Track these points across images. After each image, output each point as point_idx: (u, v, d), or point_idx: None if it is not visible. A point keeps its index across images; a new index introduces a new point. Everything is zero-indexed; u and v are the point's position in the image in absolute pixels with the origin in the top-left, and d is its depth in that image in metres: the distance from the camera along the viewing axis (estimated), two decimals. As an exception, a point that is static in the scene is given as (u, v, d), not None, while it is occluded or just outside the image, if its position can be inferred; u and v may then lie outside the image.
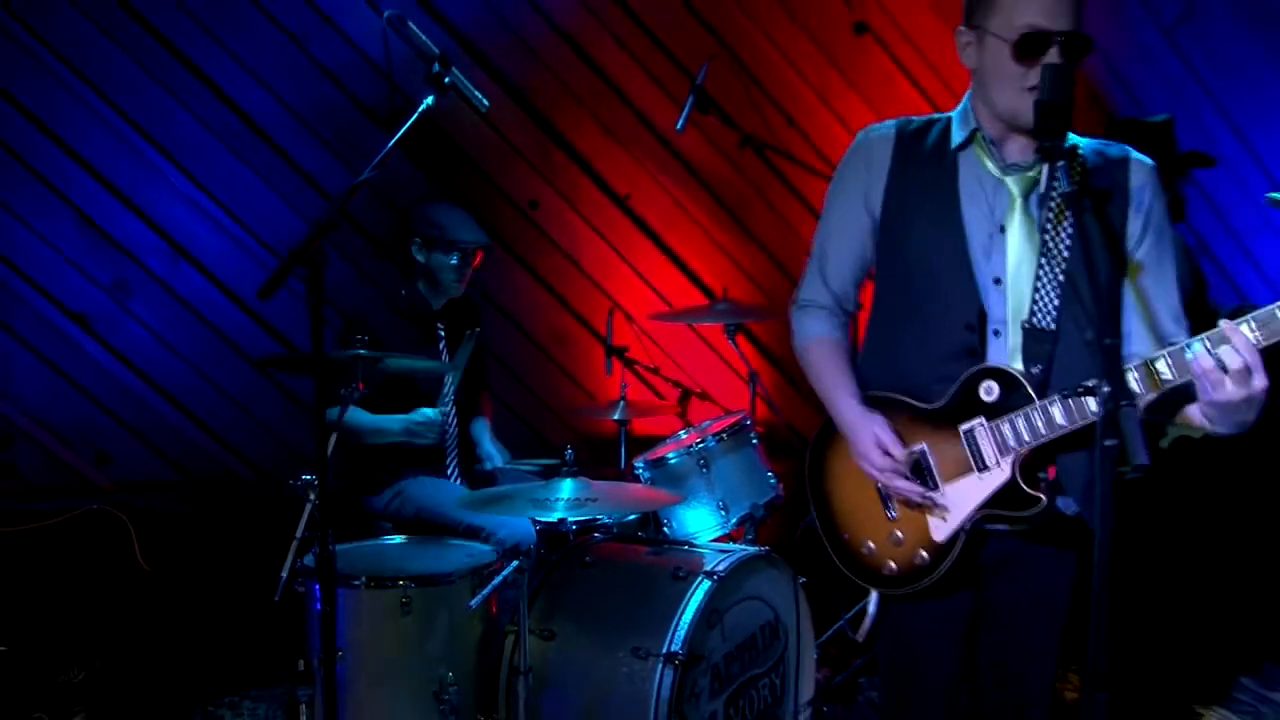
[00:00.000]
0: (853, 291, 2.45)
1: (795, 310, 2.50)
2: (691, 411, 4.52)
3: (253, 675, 3.78)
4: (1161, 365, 1.95)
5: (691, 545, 3.48)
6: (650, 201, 4.67)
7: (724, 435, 3.73)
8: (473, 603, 2.98)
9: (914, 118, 2.37)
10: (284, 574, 2.83)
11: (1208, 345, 1.90)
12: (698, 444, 3.69)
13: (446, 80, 2.80)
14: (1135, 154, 2.23)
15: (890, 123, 2.37)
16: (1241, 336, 1.87)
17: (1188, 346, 1.93)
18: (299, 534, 2.81)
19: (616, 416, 4.16)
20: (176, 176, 4.06)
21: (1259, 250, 5.18)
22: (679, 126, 4.09)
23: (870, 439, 2.23)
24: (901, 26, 4.63)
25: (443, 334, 3.86)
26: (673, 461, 3.69)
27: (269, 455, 4.40)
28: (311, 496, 2.77)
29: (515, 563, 2.98)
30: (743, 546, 3.43)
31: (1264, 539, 4.48)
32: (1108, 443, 1.75)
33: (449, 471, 3.83)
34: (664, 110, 4.50)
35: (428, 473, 3.76)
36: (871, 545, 2.33)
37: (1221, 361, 1.87)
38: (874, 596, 2.40)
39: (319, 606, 2.72)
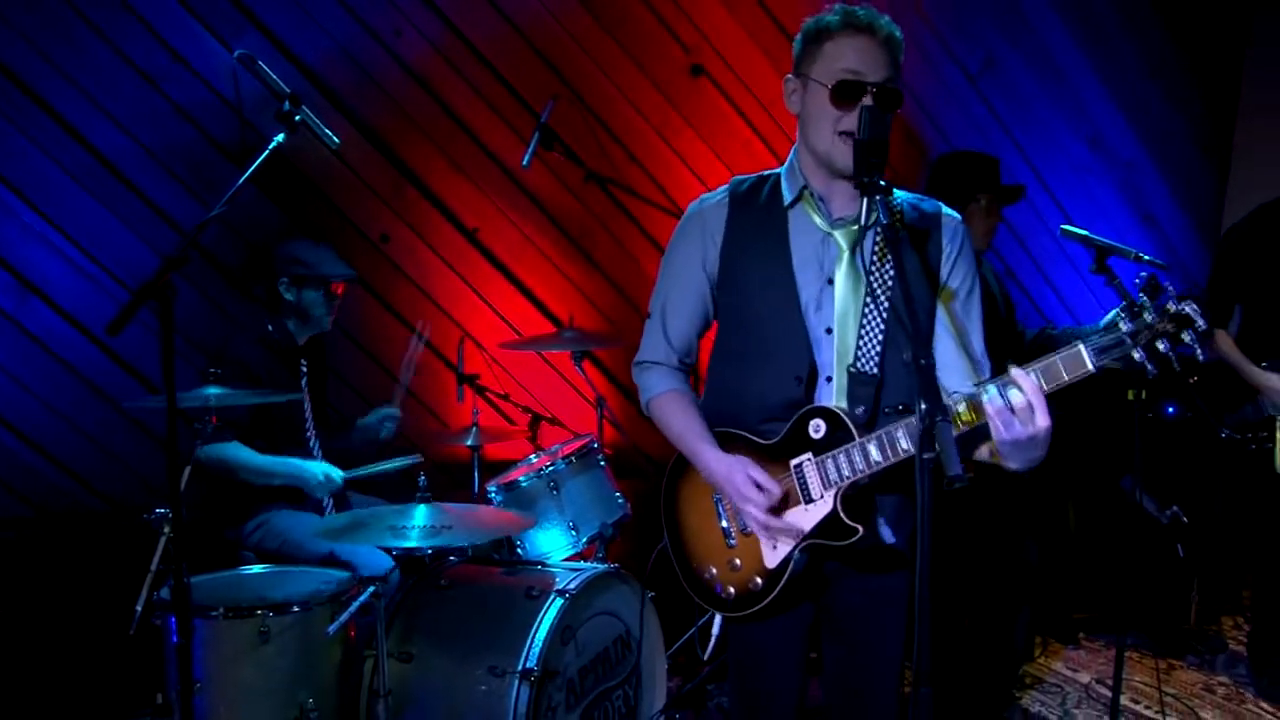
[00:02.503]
0: (695, 346, 2.56)
1: (637, 370, 2.59)
2: (542, 436, 4.63)
3: (111, 711, 3.73)
4: (983, 399, 2.07)
5: (544, 565, 3.59)
6: (498, 234, 4.77)
7: (573, 458, 3.84)
8: (330, 629, 3.03)
9: (745, 177, 2.47)
10: (138, 607, 2.87)
11: (1000, 388, 2.05)
12: (548, 467, 3.80)
13: (297, 118, 2.88)
14: (945, 209, 2.41)
15: (723, 189, 2.47)
16: (1029, 381, 2.03)
17: (984, 389, 2.07)
18: (154, 567, 2.85)
19: (469, 442, 4.24)
20: (26, 213, 3.98)
21: (1056, 276, 5.65)
22: (525, 162, 4.21)
23: (745, 480, 2.29)
24: (734, 69, 4.87)
25: (305, 369, 3.93)
26: (524, 484, 3.78)
27: (123, 488, 4.32)
28: (166, 529, 2.82)
29: (372, 588, 3.06)
30: (593, 564, 3.54)
31: (1062, 535, 4.91)
32: (926, 456, 1.81)
33: (325, 504, 3.87)
34: (511, 147, 4.61)
35: (293, 506, 3.80)
36: (713, 571, 2.44)
37: (1010, 402, 2.03)
38: (718, 618, 2.54)
39: (175, 639, 2.74)
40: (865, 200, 2.12)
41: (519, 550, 3.83)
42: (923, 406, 1.84)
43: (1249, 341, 4.19)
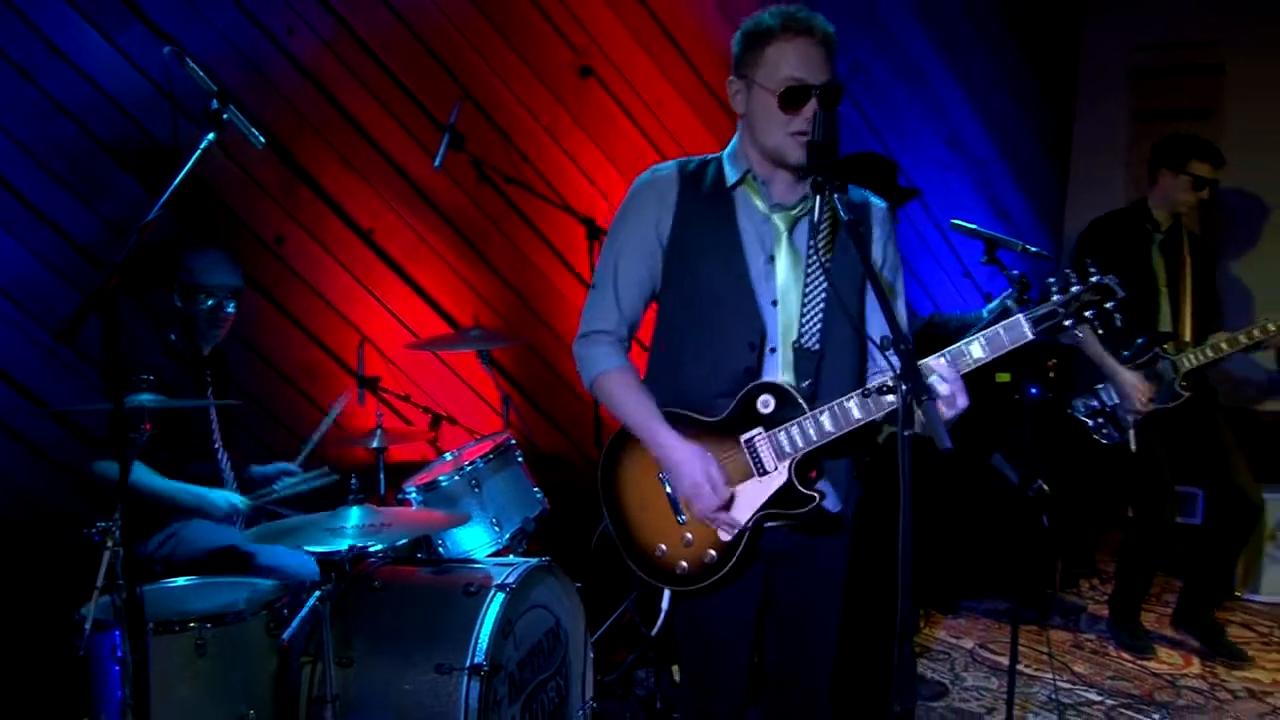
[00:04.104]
0: (639, 317, 2.58)
1: (582, 342, 2.57)
2: (442, 437, 4.62)
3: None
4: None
5: (473, 562, 3.60)
6: (394, 235, 4.72)
7: (491, 456, 3.86)
8: (285, 635, 2.99)
9: (691, 158, 2.53)
10: (87, 626, 2.75)
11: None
12: (468, 465, 3.81)
13: (225, 117, 2.82)
14: (872, 196, 2.55)
15: (670, 164, 2.53)
16: (944, 366, 2.20)
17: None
18: (99, 583, 2.74)
19: (375, 444, 4.20)
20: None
21: (920, 270, 5.99)
22: (437, 164, 4.19)
23: (703, 475, 2.35)
24: (621, 70, 4.98)
25: (210, 380, 3.79)
26: (445, 484, 3.78)
27: (4, 504, 4.09)
28: (110, 544, 2.72)
29: (318, 593, 3.03)
30: (524, 559, 3.54)
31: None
32: (906, 433, 1.93)
33: (235, 520, 3.73)
34: (405, 146, 4.58)
35: (203, 516, 3.65)
36: (664, 547, 2.47)
37: (935, 391, 2.18)
38: (667, 593, 2.56)
39: (120, 654, 2.69)
40: (818, 197, 2.24)
41: (440, 549, 3.82)
42: (904, 387, 1.98)
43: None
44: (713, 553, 2.43)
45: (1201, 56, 5.84)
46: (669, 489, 2.48)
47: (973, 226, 3.66)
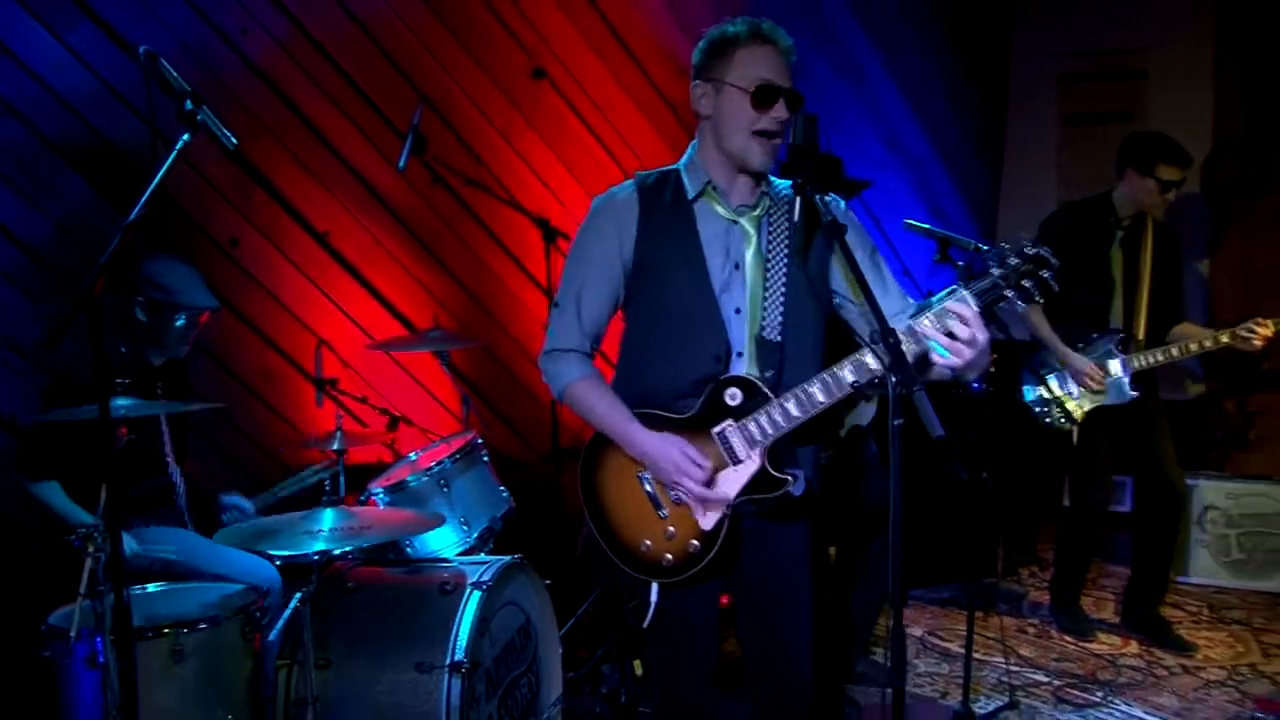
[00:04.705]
0: (603, 330, 2.67)
1: (547, 359, 2.67)
2: (399, 439, 4.60)
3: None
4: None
5: (445, 561, 3.61)
6: (349, 237, 4.69)
7: (459, 455, 3.88)
8: (271, 636, 2.98)
9: (647, 173, 2.61)
10: (72, 633, 2.71)
11: (938, 318, 2.27)
12: (435, 465, 3.83)
13: (199, 118, 2.80)
14: (832, 197, 2.59)
15: (629, 183, 2.62)
16: (967, 309, 2.24)
17: (918, 321, 2.29)
18: (83, 590, 2.70)
19: (335, 446, 4.17)
20: None
21: (862, 267, 6.12)
22: (400, 167, 4.20)
23: (681, 457, 2.44)
24: (572, 72, 5.01)
25: (160, 392, 3.70)
26: (413, 484, 3.80)
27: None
28: (91, 550, 2.68)
29: (299, 594, 3.03)
30: (497, 556, 3.54)
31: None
32: (896, 422, 2.02)
33: (186, 521, 3.67)
34: (359, 148, 4.56)
35: (159, 520, 3.61)
36: (648, 543, 2.56)
37: (950, 331, 2.26)
38: (654, 587, 2.60)
39: (102, 660, 2.67)
40: (799, 199, 2.35)
41: (408, 550, 3.83)
42: (893, 379, 2.08)
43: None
44: (695, 543, 2.51)
45: (1125, 62, 6.10)
46: (648, 487, 2.56)
47: (926, 226, 3.75)
